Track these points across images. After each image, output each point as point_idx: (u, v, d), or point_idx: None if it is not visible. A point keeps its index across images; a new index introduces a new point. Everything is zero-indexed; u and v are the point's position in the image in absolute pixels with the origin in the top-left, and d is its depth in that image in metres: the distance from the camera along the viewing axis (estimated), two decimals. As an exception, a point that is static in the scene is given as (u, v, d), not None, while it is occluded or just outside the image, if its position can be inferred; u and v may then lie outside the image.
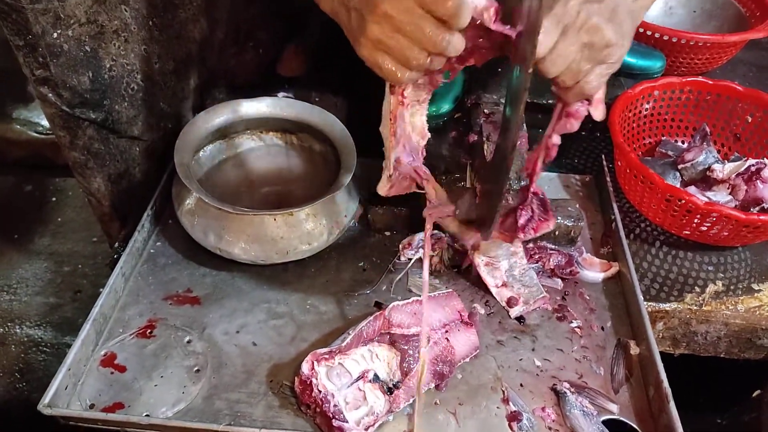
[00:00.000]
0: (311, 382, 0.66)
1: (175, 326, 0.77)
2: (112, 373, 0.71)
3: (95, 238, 1.34)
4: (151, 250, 0.87)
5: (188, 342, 0.75)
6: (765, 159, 0.97)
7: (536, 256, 0.88)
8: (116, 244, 0.90)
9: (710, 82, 1.05)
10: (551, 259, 0.87)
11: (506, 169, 0.64)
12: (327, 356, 0.68)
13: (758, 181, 0.93)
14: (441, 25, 0.54)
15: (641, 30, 1.18)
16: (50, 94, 0.84)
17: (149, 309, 0.79)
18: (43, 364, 1.11)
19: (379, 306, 0.81)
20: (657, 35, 1.16)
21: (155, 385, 0.70)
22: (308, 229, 0.82)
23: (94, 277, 1.25)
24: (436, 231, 0.89)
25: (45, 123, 1.51)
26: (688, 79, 1.05)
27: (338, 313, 0.80)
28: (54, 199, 1.43)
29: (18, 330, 1.14)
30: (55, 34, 0.80)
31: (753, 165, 0.94)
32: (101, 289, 0.77)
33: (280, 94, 1.10)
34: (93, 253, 1.30)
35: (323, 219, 0.84)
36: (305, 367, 0.67)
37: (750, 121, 1.04)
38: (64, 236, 1.35)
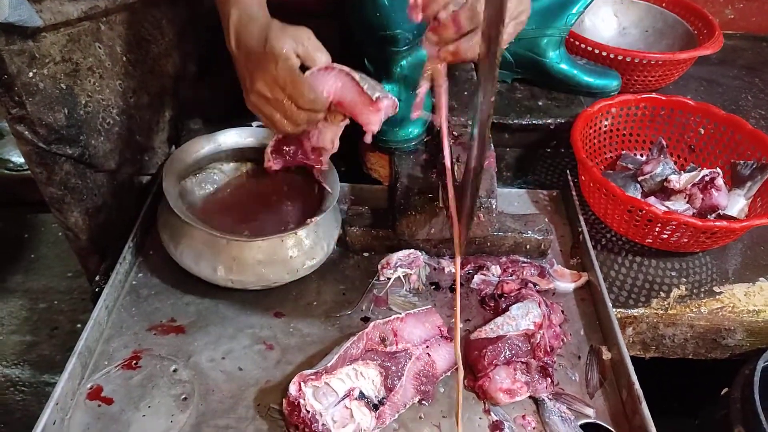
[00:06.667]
0: (299, 402, 0.67)
1: (160, 356, 0.77)
2: (99, 405, 0.71)
3: (70, 273, 1.32)
4: (133, 282, 0.88)
5: (174, 371, 0.75)
6: (718, 168, 1.03)
7: (510, 270, 0.91)
8: (97, 278, 0.91)
9: (663, 98, 1.11)
10: (524, 272, 0.91)
11: (475, 189, 0.68)
12: (313, 377, 0.70)
13: (713, 189, 0.99)
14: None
15: (597, 51, 1.24)
16: (26, 132, 0.85)
17: (134, 340, 0.79)
18: (21, 404, 1.09)
19: (366, 321, 0.83)
20: (612, 56, 1.23)
21: (143, 416, 0.70)
22: (296, 253, 0.84)
23: (71, 313, 1.23)
24: (412, 250, 0.92)
25: (15, 159, 1.50)
26: (643, 96, 1.11)
27: (321, 335, 0.82)
28: (26, 235, 1.42)
29: (-6, 370, 1.12)
30: (31, 74, 0.81)
31: (707, 175, 1.00)
32: (78, 325, 0.77)
33: (254, 123, 1.12)
34: (69, 289, 1.29)
35: (310, 241, 0.85)
36: (293, 389, 0.68)
37: (702, 133, 1.10)
38: (38, 272, 1.34)
